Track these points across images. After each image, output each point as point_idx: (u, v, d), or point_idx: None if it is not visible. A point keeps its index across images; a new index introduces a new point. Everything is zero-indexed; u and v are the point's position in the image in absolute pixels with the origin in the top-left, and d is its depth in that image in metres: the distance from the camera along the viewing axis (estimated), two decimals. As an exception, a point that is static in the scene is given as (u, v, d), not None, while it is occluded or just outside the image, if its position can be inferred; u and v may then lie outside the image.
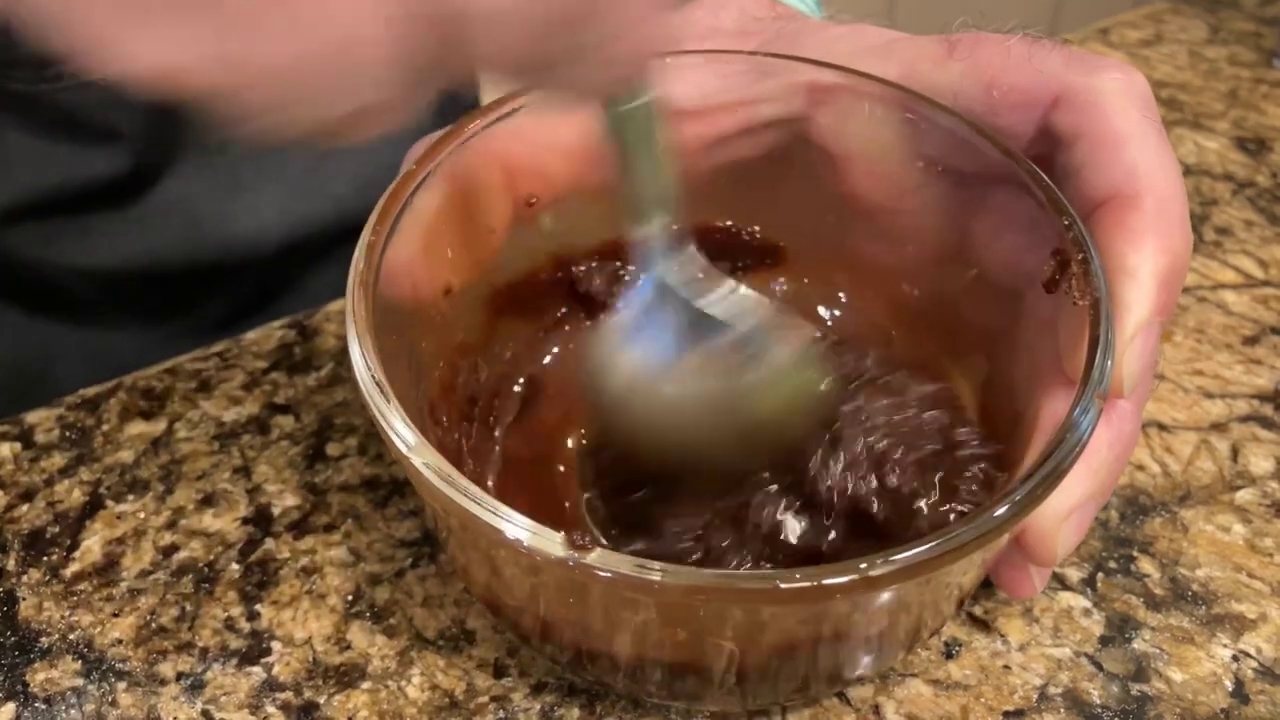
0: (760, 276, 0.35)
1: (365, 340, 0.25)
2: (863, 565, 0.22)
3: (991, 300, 0.32)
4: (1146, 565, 0.33)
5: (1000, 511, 0.23)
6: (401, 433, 0.24)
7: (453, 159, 0.30)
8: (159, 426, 0.37)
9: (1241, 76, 0.61)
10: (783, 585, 0.22)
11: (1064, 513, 0.28)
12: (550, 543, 0.22)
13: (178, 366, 0.39)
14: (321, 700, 0.29)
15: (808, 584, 0.22)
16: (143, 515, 0.34)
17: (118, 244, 0.49)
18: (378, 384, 0.24)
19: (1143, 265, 0.28)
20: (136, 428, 0.37)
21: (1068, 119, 0.30)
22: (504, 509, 0.22)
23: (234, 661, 0.30)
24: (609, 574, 0.22)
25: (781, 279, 0.36)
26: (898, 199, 0.33)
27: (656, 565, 0.22)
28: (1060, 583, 0.32)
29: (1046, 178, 0.29)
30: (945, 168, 0.32)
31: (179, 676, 0.29)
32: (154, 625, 0.31)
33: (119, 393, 0.38)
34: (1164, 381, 0.40)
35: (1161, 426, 0.38)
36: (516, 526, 0.22)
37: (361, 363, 0.25)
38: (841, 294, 0.36)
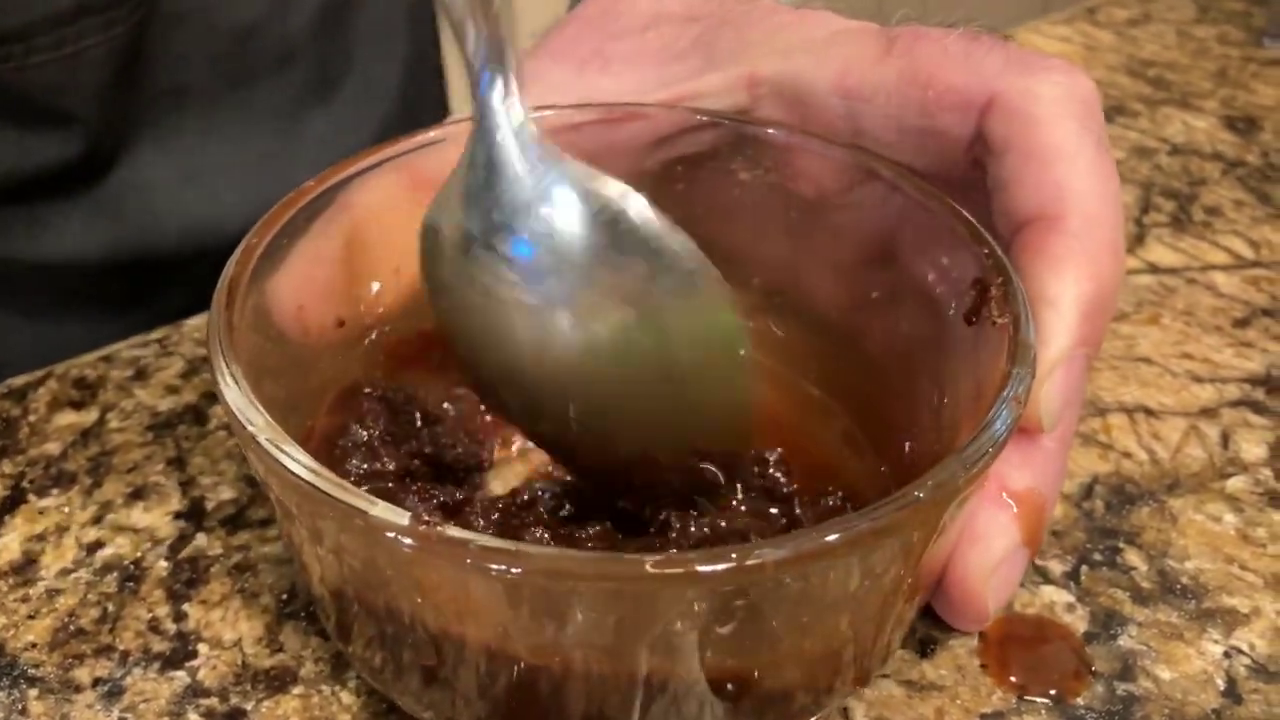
0: None
1: (225, 339, 0.24)
2: (749, 550, 0.20)
3: (908, 323, 0.29)
4: (1133, 557, 0.31)
5: (911, 496, 0.21)
6: (249, 413, 0.23)
7: (361, 181, 0.29)
8: (90, 417, 0.35)
9: (1231, 56, 0.59)
10: (651, 568, 0.19)
11: (989, 567, 0.26)
12: (396, 516, 0.20)
13: (114, 354, 0.37)
14: (249, 707, 0.27)
15: (679, 570, 0.19)
16: (67, 510, 0.32)
17: (70, 233, 0.47)
18: (226, 362, 0.24)
19: (1064, 293, 0.26)
20: (66, 418, 0.35)
21: (999, 126, 0.28)
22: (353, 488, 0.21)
23: (156, 666, 0.28)
24: (456, 549, 0.20)
25: None
26: (844, 191, 0.31)
27: (510, 543, 0.20)
28: (1042, 576, 0.30)
29: (965, 213, 0.27)
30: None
31: (95, 683, 0.27)
32: (72, 628, 0.29)
33: (49, 381, 0.36)
34: (1151, 365, 0.38)
35: (1149, 412, 0.36)
36: (364, 499, 0.21)
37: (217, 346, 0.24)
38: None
